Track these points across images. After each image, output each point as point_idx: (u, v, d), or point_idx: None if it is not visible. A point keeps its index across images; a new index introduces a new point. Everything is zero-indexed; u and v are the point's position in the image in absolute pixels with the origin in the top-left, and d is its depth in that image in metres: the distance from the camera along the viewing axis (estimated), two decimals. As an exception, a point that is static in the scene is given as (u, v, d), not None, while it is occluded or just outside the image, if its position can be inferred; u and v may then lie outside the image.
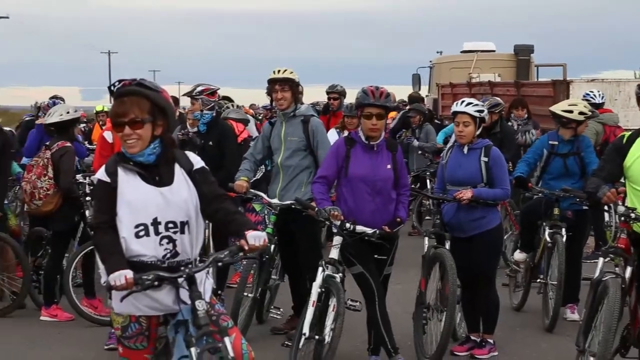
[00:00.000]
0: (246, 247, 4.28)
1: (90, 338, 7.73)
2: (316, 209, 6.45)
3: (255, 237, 4.28)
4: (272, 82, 7.55)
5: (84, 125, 15.08)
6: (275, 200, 7.56)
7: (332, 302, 6.19)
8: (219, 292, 8.87)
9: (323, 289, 6.24)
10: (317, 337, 6.13)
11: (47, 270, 8.56)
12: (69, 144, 8.39)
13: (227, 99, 12.44)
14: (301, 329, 6.13)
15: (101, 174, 4.41)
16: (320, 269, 6.30)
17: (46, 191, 8.24)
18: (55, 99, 13.17)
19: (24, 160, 10.01)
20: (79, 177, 8.55)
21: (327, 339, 6.12)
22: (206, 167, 4.56)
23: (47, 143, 8.52)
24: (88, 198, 8.24)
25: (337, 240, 6.37)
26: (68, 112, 8.59)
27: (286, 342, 6.46)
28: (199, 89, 8.78)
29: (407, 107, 15.28)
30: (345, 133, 9.72)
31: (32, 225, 9.36)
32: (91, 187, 8.04)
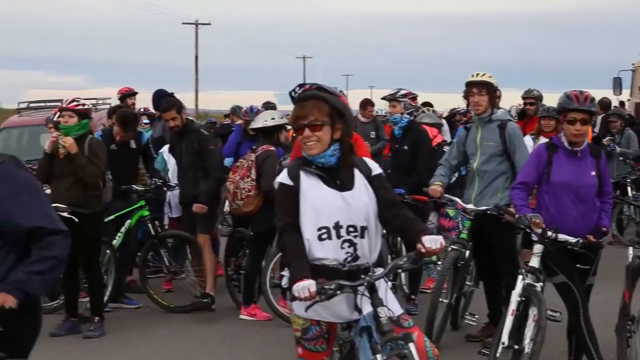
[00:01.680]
0: (423, 250, 4.26)
1: (287, 338, 7.82)
2: (516, 215, 6.32)
3: (432, 240, 4.25)
4: (469, 85, 7.48)
5: None
6: (470, 206, 7.47)
7: (532, 312, 6.04)
8: (412, 297, 8.89)
9: (523, 298, 6.10)
10: (516, 346, 6.00)
11: (247, 270, 8.82)
12: (272, 148, 8.61)
13: (429, 104, 12.45)
14: (499, 337, 6.02)
15: (283, 178, 4.49)
16: (520, 277, 6.16)
17: (247, 192, 8.49)
18: (268, 105, 13.68)
19: (227, 161, 10.37)
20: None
21: (527, 349, 5.96)
22: (383, 173, 4.59)
23: (253, 146, 8.79)
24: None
25: (538, 248, 6.20)
26: (273, 119, 8.84)
27: (483, 351, 6.36)
28: (402, 92, 8.85)
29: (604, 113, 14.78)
30: (541, 139, 9.47)
31: (234, 226, 9.69)
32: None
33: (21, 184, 4.04)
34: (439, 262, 8.93)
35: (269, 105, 13.61)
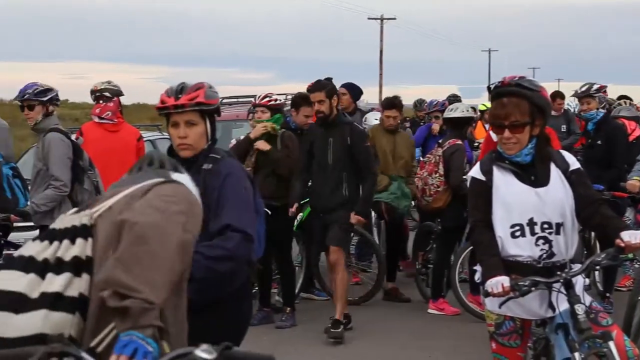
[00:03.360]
0: (622, 245, 4.13)
1: (476, 333, 7.80)
2: None
3: (632, 235, 4.13)
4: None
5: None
6: (670, 202, 7.14)
7: None
8: (607, 295, 8.60)
9: None
10: None
11: (435, 265, 8.80)
12: (460, 142, 8.57)
13: (626, 97, 11.98)
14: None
15: (476, 172, 4.46)
16: None
17: (436, 188, 8.47)
18: (455, 98, 13.62)
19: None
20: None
21: None
22: (582, 168, 4.45)
23: (440, 141, 8.75)
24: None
25: None
26: (468, 111, 8.80)
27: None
28: (595, 87, 8.58)
29: None
30: None
31: (421, 220, 9.68)
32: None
33: (236, 182, 4.14)
34: (636, 259, 8.60)
35: (456, 99, 13.51)
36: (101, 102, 8.15)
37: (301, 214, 8.95)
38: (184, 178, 2.95)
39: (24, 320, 2.56)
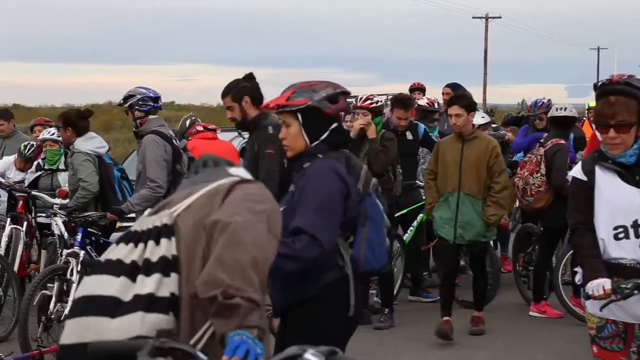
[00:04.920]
0: None
1: (579, 336, 7.61)
2: None
3: None
4: None
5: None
6: None
7: None
8: None
9: None
10: None
11: (537, 267, 8.65)
12: (562, 142, 8.38)
13: None
14: None
15: (577, 172, 4.35)
16: None
17: (537, 188, 8.30)
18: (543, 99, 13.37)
19: (517, 156, 10.19)
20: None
21: None
22: None
23: (541, 140, 8.60)
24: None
25: None
26: (572, 110, 8.68)
27: None
28: None
29: None
30: None
31: (523, 221, 9.53)
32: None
33: (317, 183, 4.05)
34: None
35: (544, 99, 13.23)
36: None
37: (421, 214, 8.98)
38: (241, 172, 2.97)
39: (121, 323, 2.61)
